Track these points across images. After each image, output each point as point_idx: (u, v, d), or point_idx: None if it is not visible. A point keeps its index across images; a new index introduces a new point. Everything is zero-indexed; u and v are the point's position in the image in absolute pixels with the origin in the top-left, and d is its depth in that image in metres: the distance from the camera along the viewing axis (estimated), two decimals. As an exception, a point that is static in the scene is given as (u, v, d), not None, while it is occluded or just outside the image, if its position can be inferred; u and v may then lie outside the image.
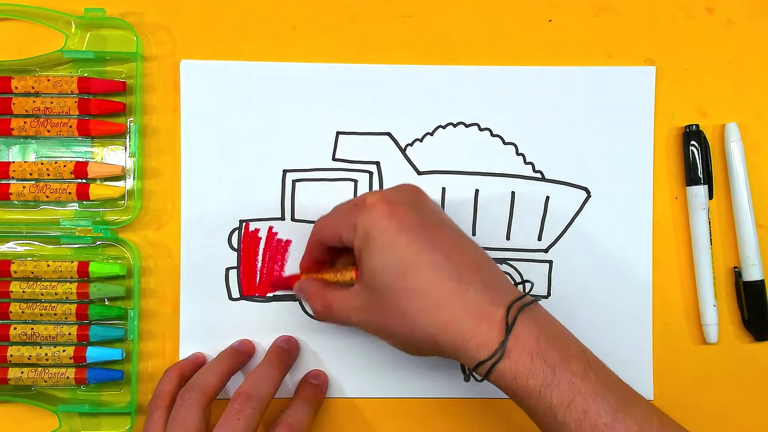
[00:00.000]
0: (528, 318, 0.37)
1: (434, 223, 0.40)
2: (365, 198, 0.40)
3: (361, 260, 0.40)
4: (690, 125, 0.48)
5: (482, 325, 0.37)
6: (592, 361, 0.37)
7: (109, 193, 0.47)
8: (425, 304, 0.38)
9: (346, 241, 0.41)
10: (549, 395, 0.36)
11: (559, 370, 0.36)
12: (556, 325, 0.39)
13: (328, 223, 0.42)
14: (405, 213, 0.39)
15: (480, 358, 0.37)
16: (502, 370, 0.36)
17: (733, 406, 0.48)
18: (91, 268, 0.46)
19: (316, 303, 0.43)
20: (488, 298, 0.37)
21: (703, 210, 0.48)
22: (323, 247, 0.44)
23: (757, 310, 0.48)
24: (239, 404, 0.41)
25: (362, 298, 0.40)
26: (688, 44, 0.49)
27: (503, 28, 0.49)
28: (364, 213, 0.39)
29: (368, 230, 0.39)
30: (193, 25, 0.48)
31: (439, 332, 0.37)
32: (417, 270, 0.38)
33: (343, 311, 0.42)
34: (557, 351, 0.36)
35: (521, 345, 0.36)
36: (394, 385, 0.48)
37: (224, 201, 0.48)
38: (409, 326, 0.38)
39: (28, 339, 0.46)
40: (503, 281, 0.39)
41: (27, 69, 0.48)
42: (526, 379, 0.36)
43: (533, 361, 0.36)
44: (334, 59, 0.48)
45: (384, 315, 0.39)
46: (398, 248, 0.38)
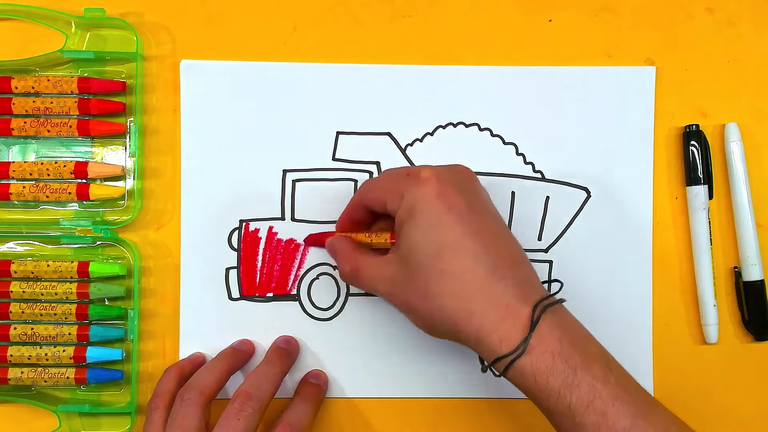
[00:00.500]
0: (552, 318, 0.37)
1: (481, 210, 0.40)
2: (420, 170, 0.40)
3: (401, 232, 0.39)
4: (690, 125, 0.48)
5: (507, 320, 0.37)
6: (613, 366, 0.37)
7: (109, 193, 0.47)
8: (455, 290, 0.37)
9: (390, 209, 0.41)
10: (568, 396, 0.36)
11: (580, 371, 0.36)
12: (580, 328, 0.39)
13: (376, 187, 0.42)
14: (455, 194, 0.39)
15: (501, 353, 0.36)
16: (522, 367, 0.36)
17: (733, 406, 0.48)
18: (91, 268, 0.46)
19: (345, 264, 0.43)
20: (517, 295, 0.37)
21: (703, 210, 0.48)
22: (364, 210, 0.44)
23: (757, 310, 0.48)
24: (239, 404, 0.41)
25: (393, 269, 0.40)
26: (688, 44, 0.49)
27: (503, 28, 0.49)
28: (415, 185, 0.39)
29: (415, 203, 0.39)
30: (193, 25, 0.48)
31: (463, 320, 0.37)
32: (455, 254, 0.38)
33: (371, 278, 0.41)
34: (579, 353, 0.36)
35: (544, 344, 0.36)
36: (394, 385, 0.48)
37: (224, 201, 0.48)
38: (434, 308, 0.38)
39: (28, 339, 0.46)
40: (534, 280, 0.39)
41: (27, 69, 0.48)
42: (546, 378, 0.36)
43: (554, 360, 0.36)
44: (334, 59, 0.48)
45: (411, 291, 0.39)
46: (441, 228, 0.38)
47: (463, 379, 0.48)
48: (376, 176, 0.43)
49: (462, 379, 0.48)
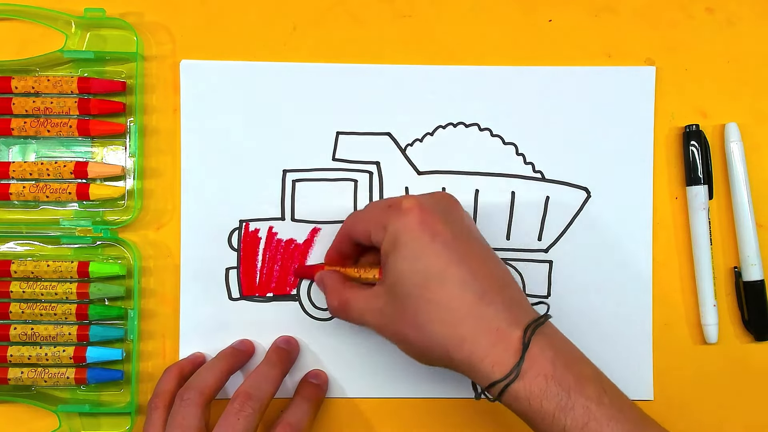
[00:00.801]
0: (544, 340, 0.37)
1: (465, 236, 0.40)
2: (401, 201, 0.40)
3: (387, 264, 0.39)
4: (690, 125, 0.48)
5: (498, 345, 0.36)
6: (606, 386, 0.37)
7: (109, 193, 0.47)
8: (444, 317, 0.37)
9: (375, 240, 0.41)
10: (563, 419, 0.35)
11: (573, 393, 0.36)
12: (572, 348, 0.38)
13: (360, 219, 0.42)
14: (438, 223, 0.39)
15: (494, 378, 0.36)
16: (515, 392, 0.36)
17: (733, 406, 0.48)
18: (91, 268, 0.46)
19: (333, 298, 0.43)
20: (507, 318, 0.37)
21: (703, 210, 0.48)
22: (351, 242, 0.44)
23: (757, 310, 0.48)
24: (239, 404, 0.41)
25: (381, 301, 0.40)
26: (688, 44, 0.49)
27: (503, 28, 0.49)
28: (397, 216, 0.39)
29: (399, 234, 0.39)
30: (193, 25, 0.48)
31: (455, 347, 0.37)
32: (442, 282, 0.38)
33: (360, 311, 0.41)
34: (572, 375, 0.36)
35: (536, 367, 0.36)
36: (394, 385, 0.48)
37: (224, 201, 0.48)
38: (424, 337, 0.38)
39: (28, 339, 0.46)
40: (523, 301, 0.39)
41: (27, 69, 0.48)
42: (540, 402, 0.36)
43: (548, 383, 0.36)
44: (334, 59, 0.48)
45: (401, 322, 0.39)
46: (426, 258, 0.38)
47: (462, 379, 0.48)
48: (360, 209, 0.43)
49: (462, 379, 0.48)
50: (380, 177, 0.48)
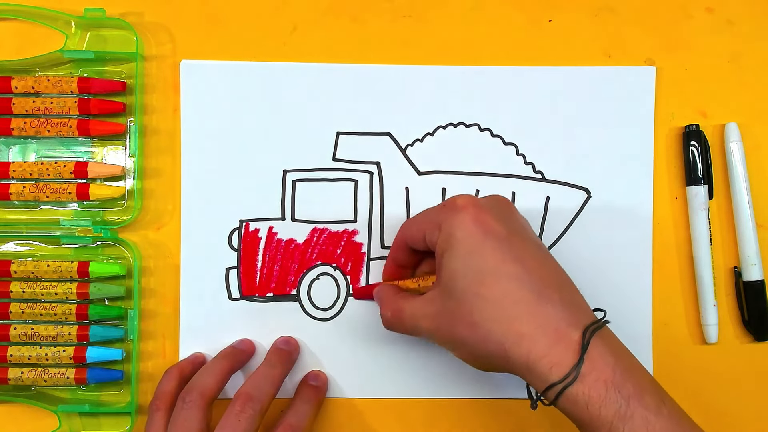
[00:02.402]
0: (604, 345, 0.36)
1: (520, 235, 0.39)
2: (455, 200, 0.40)
3: (442, 263, 0.39)
4: (690, 125, 0.48)
5: (557, 345, 0.36)
6: (665, 397, 0.36)
7: (109, 193, 0.47)
8: (501, 315, 0.37)
9: (430, 242, 0.40)
10: (621, 427, 0.35)
11: (633, 402, 0.35)
12: (630, 355, 0.38)
13: (414, 222, 0.42)
14: (492, 220, 0.38)
15: (552, 380, 0.35)
16: (574, 396, 0.35)
17: (733, 406, 0.48)
18: (91, 268, 0.46)
19: (386, 309, 0.42)
20: (566, 318, 0.36)
21: (703, 210, 0.48)
22: (407, 250, 0.43)
23: (757, 310, 0.48)
24: (240, 405, 0.41)
25: (436, 305, 0.39)
26: (688, 44, 0.49)
27: (503, 28, 0.49)
28: (452, 214, 0.39)
29: (453, 231, 0.38)
30: (193, 25, 0.48)
31: (512, 345, 0.36)
32: (497, 279, 0.37)
33: (413, 317, 0.41)
34: (632, 383, 0.35)
35: (597, 372, 0.35)
36: (394, 385, 0.48)
37: (224, 201, 0.48)
38: (480, 336, 0.37)
39: (28, 339, 0.46)
40: (582, 304, 0.39)
41: (27, 69, 0.48)
42: (599, 408, 0.35)
43: (608, 390, 0.35)
44: (334, 59, 0.48)
45: (456, 322, 0.38)
46: (481, 254, 0.38)
47: (463, 379, 0.48)
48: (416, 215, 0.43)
49: (462, 379, 0.48)
50: (380, 177, 0.48)
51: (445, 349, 0.47)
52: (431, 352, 0.48)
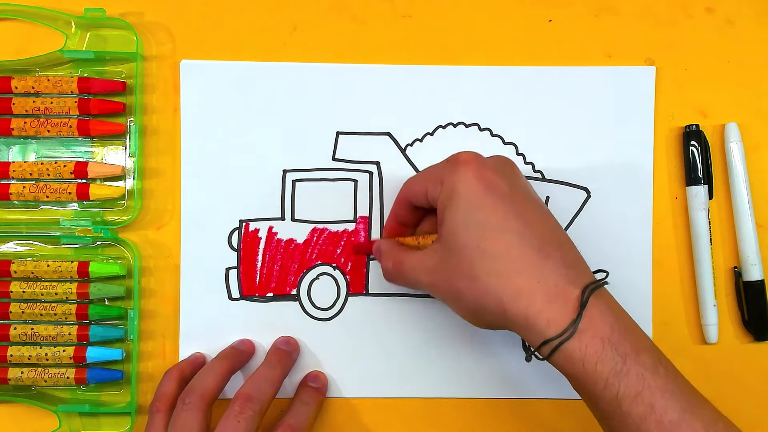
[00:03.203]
0: (603, 304, 0.37)
1: (523, 193, 0.39)
2: (458, 155, 0.40)
3: (443, 218, 0.39)
4: (690, 125, 0.48)
5: (556, 301, 0.36)
6: (663, 358, 0.37)
7: (109, 193, 0.47)
8: (501, 269, 0.37)
9: (431, 197, 0.41)
10: (616, 384, 0.35)
11: (629, 360, 0.35)
12: (629, 317, 0.38)
13: (417, 179, 0.42)
14: (495, 177, 0.39)
15: (549, 335, 0.36)
16: (570, 352, 0.36)
17: (733, 406, 0.48)
18: (91, 268, 0.46)
19: (387, 261, 0.43)
20: (566, 275, 0.37)
21: (703, 210, 0.48)
22: (409, 206, 0.44)
23: (757, 310, 0.48)
24: (239, 406, 0.41)
25: (436, 258, 0.40)
26: (688, 44, 0.49)
27: (503, 28, 0.49)
28: (454, 169, 0.39)
29: (456, 186, 0.39)
30: (193, 25, 0.48)
31: (511, 300, 0.36)
32: (499, 233, 0.37)
33: (415, 270, 0.41)
34: (629, 341, 0.36)
35: (594, 329, 0.36)
36: (394, 385, 0.48)
37: (224, 201, 0.48)
38: (479, 289, 0.37)
39: (28, 339, 0.46)
40: (582, 263, 0.39)
41: (27, 69, 0.48)
42: (595, 365, 0.35)
43: (605, 347, 0.35)
44: (334, 59, 0.48)
45: (456, 276, 0.38)
46: (484, 209, 0.38)
47: (462, 379, 0.48)
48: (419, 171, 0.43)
49: (462, 379, 0.48)
50: (380, 177, 0.48)
51: (444, 349, 0.48)
52: (431, 352, 0.48)
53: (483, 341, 0.48)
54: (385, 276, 0.44)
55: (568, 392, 0.47)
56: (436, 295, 0.41)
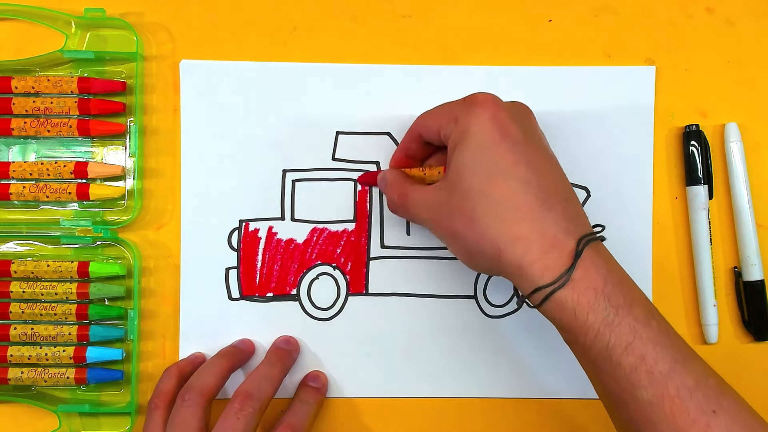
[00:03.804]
0: (599, 256, 0.37)
1: (536, 142, 0.39)
2: (476, 95, 0.39)
3: (452, 157, 0.39)
4: (690, 125, 0.48)
5: (552, 252, 0.36)
6: (654, 312, 0.37)
7: (109, 193, 0.47)
8: (502, 214, 0.37)
9: (444, 135, 0.40)
10: (607, 334, 0.35)
11: (621, 311, 0.35)
12: (624, 272, 0.38)
13: (432, 114, 0.42)
14: (510, 122, 0.38)
15: (542, 283, 0.36)
16: (562, 300, 0.36)
17: (733, 406, 0.48)
18: (91, 268, 0.46)
19: (393, 192, 0.43)
20: (565, 228, 0.37)
21: (703, 210, 0.48)
22: (419, 141, 0.43)
23: (757, 310, 0.48)
24: (239, 403, 0.41)
25: (441, 195, 0.39)
26: (688, 44, 0.49)
27: (503, 28, 0.49)
28: (469, 109, 0.39)
29: (469, 126, 0.38)
30: (193, 25, 0.48)
31: (507, 246, 0.36)
32: (506, 179, 0.37)
33: (418, 204, 0.41)
34: (622, 293, 0.36)
35: (588, 279, 0.36)
36: (394, 385, 0.48)
37: (224, 201, 0.48)
38: (478, 232, 0.37)
39: (28, 339, 0.46)
40: (584, 218, 0.39)
41: (27, 69, 0.48)
42: (587, 314, 0.35)
43: (597, 297, 0.35)
44: (334, 59, 0.48)
45: (456, 215, 0.38)
46: (494, 152, 0.37)
47: (463, 379, 0.48)
48: None
49: (462, 379, 0.48)
50: (380, 177, 0.48)
51: (444, 349, 0.48)
52: (431, 352, 0.48)
53: (483, 341, 0.48)
54: (389, 207, 0.44)
55: (571, 391, 0.48)
56: (434, 232, 0.41)
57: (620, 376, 0.35)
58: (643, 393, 0.35)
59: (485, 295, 0.48)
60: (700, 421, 0.34)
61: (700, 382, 0.35)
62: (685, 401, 0.34)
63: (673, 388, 0.34)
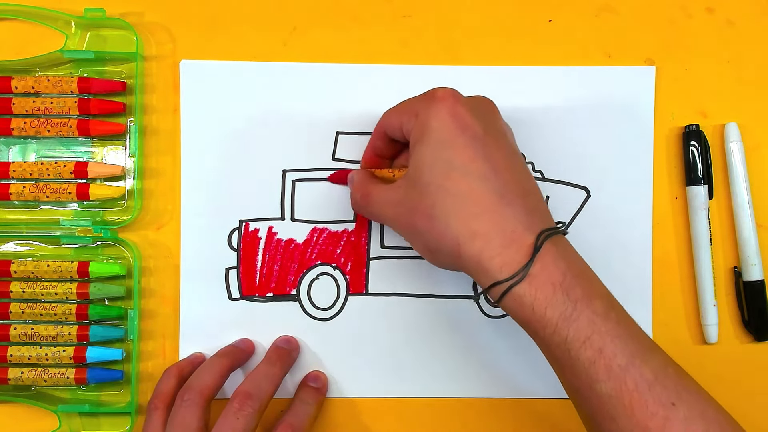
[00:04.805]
0: (558, 250, 0.36)
1: (496, 137, 0.39)
2: (436, 90, 0.39)
3: (413, 153, 0.39)
4: (690, 125, 0.48)
5: (511, 246, 0.36)
6: (615, 305, 0.37)
7: (109, 193, 0.47)
8: (461, 210, 0.37)
9: (406, 130, 0.40)
10: (566, 328, 0.35)
11: (580, 305, 0.35)
12: (585, 265, 0.38)
13: (395, 111, 0.42)
14: (471, 117, 0.38)
15: (500, 278, 0.36)
16: (520, 295, 0.36)
17: (733, 406, 0.48)
18: (91, 268, 0.46)
19: (357, 192, 0.43)
20: (525, 222, 0.36)
21: (703, 210, 0.48)
22: (385, 138, 0.43)
23: (757, 310, 0.48)
24: (238, 403, 0.41)
25: (401, 192, 0.40)
26: (688, 44, 0.49)
27: (503, 28, 0.49)
28: (429, 104, 0.39)
29: (428, 121, 0.38)
30: (193, 25, 0.48)
31: (466, 242, 0.36)
32: (464, 175, 0.37)
33: (380, 203, 0.41)
34: (581, 288, 0.36)
35: (546, 274, 0.35)
36: (394, 385, 0.48)
37: (224, 201, 0.48)
38: (437, 229, 0.37)
39: (28, 339, 0.46)
40: (545, 212, 0.39)
41: (27, 69, 0.48)
42: (544, 309, 0.35)
43: (555, 292, 0.35)
44: (334, 59, 0.48)
45: (416, 212, 0.38)
46: (453, 147, 0.37)
47: (463, 379, 0.48)
48: None
49: (462, 379, 0.48)
50: (380, 177, 0.48)
51: (444, 349, 0.48)
52: (431, 352, 0.48)
53: (483, 341, 0.48)
54: (353, 206, 0.44)
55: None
56: (396, 229, 0.41)
57: (580, 370, 0.35)
58: (602, 387, 0.35)
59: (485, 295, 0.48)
60: (659, 413, 0.34)
61: (659, 375, 0.35)
62: (643, 394, 0.34)
63: (631, 381, 0.34)
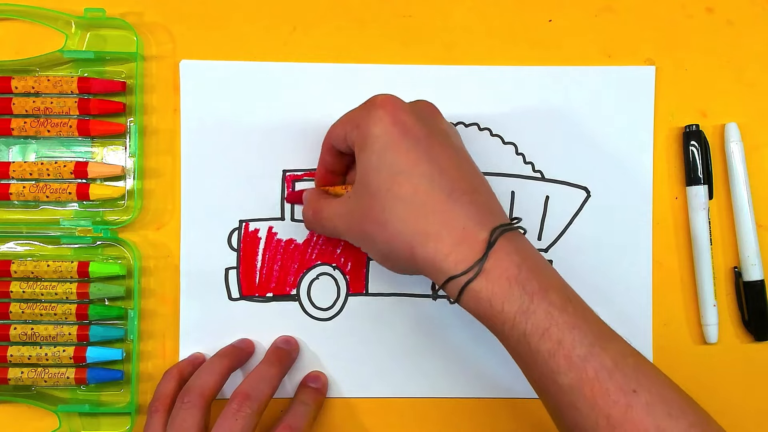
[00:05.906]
0: (512, 245, 0.36)
1: (439, 138, 0.39)
2: (375, 98, 0.39)
3: (358, 161, 0.39)
4: (690, 125, 0.48)
5: (463, 244, 0.36)
6: (572, 296, 0.37)
7: (109, 193, 0.47)
8: (409, 213, 0.37)
9: (350, 141, 0.40)
10: (524, 322, 0.35)
11: (537, 298, 0.35)
12: (540, 258, 0.38)
13: (338, 123, 0.42)
14: (412, 121, 0.38)
15: (455, 274, 0.36)
16: (477, 292, 0.36)
17: (733, 406, 0.48)
18: (91, 268, 0.46)
19: (308, 209, 0.43)
20: (475, 218, 0.37)
21: (703, 210, 0.48)
22: (333, 152, 0.43)
23: (757, 310, 0.48)
24: (237, 404, 0.41)
25: (350, 204, 0.40)
26: (688, 44, 0.49)
27: (503, 28, 0.49)
28: (370, 111, 0.39)
29: (370, 129, 0.38)
30: (193, 25, 0.48)
31: (419, 243, 0.36)
32: (409, 178, 0.37)
33: (331, 217, 0.41)
34: (537, 280, 0.36)
35: (501, 269, 0.35)
36: (394, 385, 0.48)
37: (224, 201, 0.48)
38: (389, 234, 0.37)
39: (28, 339, 0.46)
40: (496, 208, 0.39)
41: (27, 69, 0.48)
42: (502, 304, 0.35)
43: (511, 286, 0.35)
44: (334, 59, 0.48)
45: (367, 220, 0.38)
46: (395, 153, 0.37)
47: (463, 379, 0.48)
48: None
49: (462, 379, 0.48)
50: (380, 177, 0.48)
51: (444, 349, 0.48)
52: (431, 352, 0.48)
53: (483, 341, 0.48)
54: (305, 224, 0.44)
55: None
56: (351, 240, 0.41)
57: (540, 363, 0.35)
58: (563, 378, 0.35)
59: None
60: (621, 401, 0.34)
61: (618, 363, 0.35)
62: (604, 383, 0.34)
63: (591, 370, 0.34)
